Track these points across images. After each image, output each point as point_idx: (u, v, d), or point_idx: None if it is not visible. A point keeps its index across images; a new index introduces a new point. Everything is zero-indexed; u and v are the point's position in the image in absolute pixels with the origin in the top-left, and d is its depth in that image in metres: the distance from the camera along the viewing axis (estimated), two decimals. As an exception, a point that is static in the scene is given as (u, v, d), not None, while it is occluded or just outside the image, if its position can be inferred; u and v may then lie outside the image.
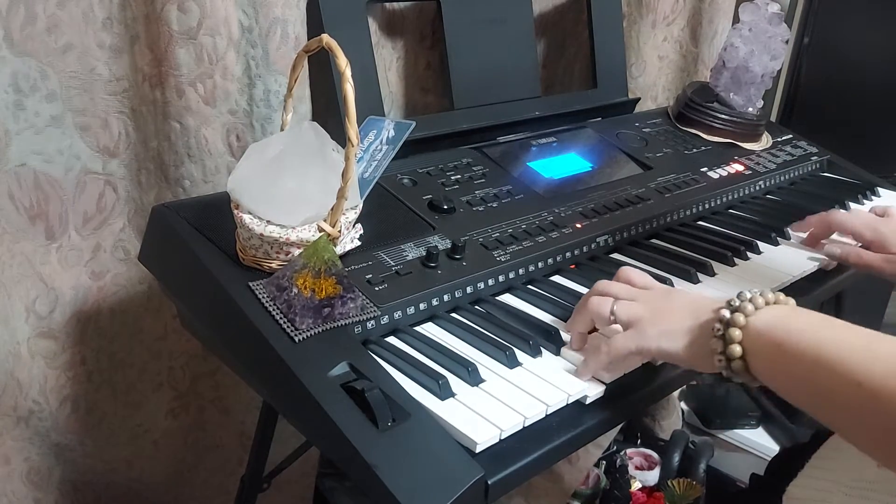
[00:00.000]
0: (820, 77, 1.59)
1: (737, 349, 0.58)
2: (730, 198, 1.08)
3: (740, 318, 0.58)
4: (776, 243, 0.97)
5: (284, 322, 0.63)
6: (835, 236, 0.96)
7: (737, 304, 0.59)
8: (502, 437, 0.59)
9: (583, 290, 0.81)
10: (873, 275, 0.90)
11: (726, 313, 0.59)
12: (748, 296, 0.60)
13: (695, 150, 1.15)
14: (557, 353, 0.70)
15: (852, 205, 1.12)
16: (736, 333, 0.58)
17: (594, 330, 0.71)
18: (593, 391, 0.65)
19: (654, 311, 0.64)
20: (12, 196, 0.85)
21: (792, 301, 0.61)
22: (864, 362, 0.51)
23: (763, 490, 0.83)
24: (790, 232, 0.98)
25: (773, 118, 1.61)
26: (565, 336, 0.71)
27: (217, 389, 1.10)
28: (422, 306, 0.72)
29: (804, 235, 0.97)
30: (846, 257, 0.90)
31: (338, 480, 1.27)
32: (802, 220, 0.97)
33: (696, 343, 0.61)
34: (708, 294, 0.69)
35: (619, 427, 1.56)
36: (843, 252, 0.90)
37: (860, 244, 0.92)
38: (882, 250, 0.88)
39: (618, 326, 0.67)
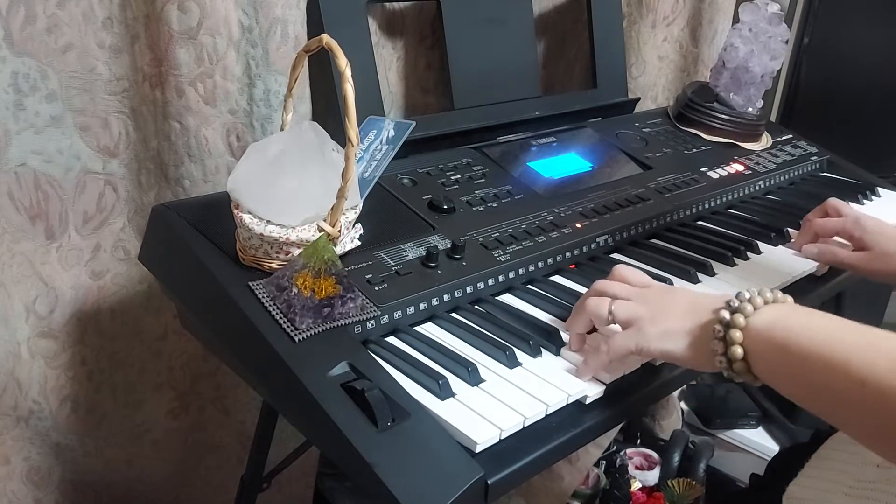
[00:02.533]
0: (820, 77, 1.59)
1: (738, 351, 0.58)
2: (730, 198, 1.08)
3: (740, 318, 0.58)
4: (776, 243, 0.97)
5: (284, 322, 0.63)
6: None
7: (736, 304, 0.59)
8: (502, 437, 0.59)
9: (583, 290, 0.81)
10: (853, 273, 0.90)
11: (726, 314, 0.59)
12: (747, 296, 0.60)
13: (695, 150, 1.15)
14: (557, 353, 0.70)
15: (852, 204, 1.12)
16: (737, 335, 0.58)
17: (593, 330, 0.71)
18: (593, 391, 0.65)
19: (653, 310, 0.64)
20: (12, 196, 0.85)
21: (790, 299, 0.61)
22: (867, 361, 0.51)
23: (763, 490, 0.83)
24: (790, 232, 0.98)
25: (773, 118, 1.61)
26: (565, 336, 0.71)
27: (217, 389, 1.10)
28: (422, 306, 0.72)
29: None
30: (822, 256, 0.90)
31: (338, 480, 1.27)
32: (794, 241, 0.97)
33: (696, 344, 0.61)
34: (708, 292, 0.69)
35: (619, 427, 1.56)
36: (818, 251, 0.91)
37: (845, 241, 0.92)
38: (861, 247, 0.88)
39: (617, 326, 0.67)
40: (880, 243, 0.86)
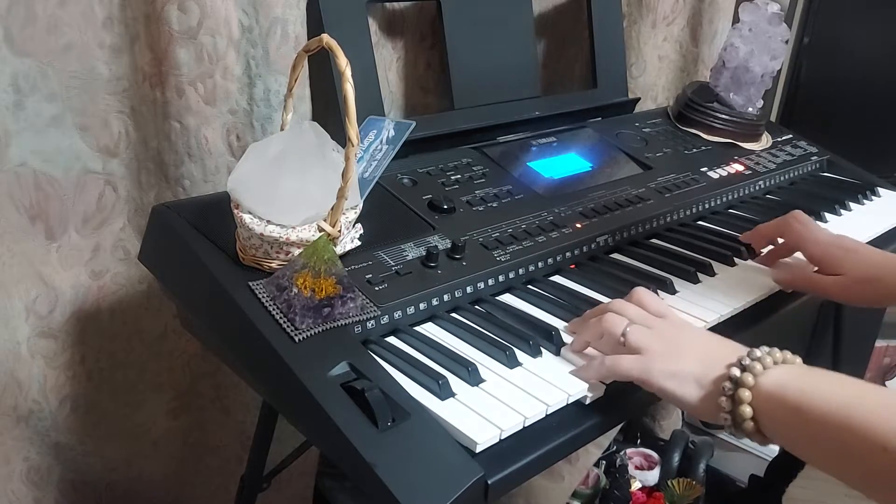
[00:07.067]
0: (820, 77, 1.59)
1: (747, 410, 0.57)
2: (730, 198, 1.08)
3: (749, 378, 0.57)
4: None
5: (284, 322, 0.63)
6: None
7: (747, 362, 0.58)
8: (502, 437, 0.59)
9: (582, 290, 0.81)
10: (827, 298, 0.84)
11: (736, 372, 0.58)
12: (758, 354, 0.59)
13: (695, 150, 1.15)
14: (558, 353, 0.70)
15: (852, 205, 1.13)
16: (745, 394, 0.57)
17: None
18: (593, 391, 0.65)
19: (667, 346, 0.63)
20: (12, 196, 0.85)
21: (798, 359, 0.60)
22: (890, 426, 0.49)
23: (763, 491, 0.83)
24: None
25: (773, 118, 1.61)
26: (566, 337, 0.71)
27: (217, 389, 1.10)
28: (422, 306, 0.72)
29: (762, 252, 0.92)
30: (793, 285, 0.85)
31: (338, 480, 1.27)
32: (752, 231, 0.91)
33: (704, 397, 0.60)
34: (720, 337, 0.65)
35: (619, 427, 1.56)
36: (791, 279, 0.85)
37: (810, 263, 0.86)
38: (834, 272, 0.82)
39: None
40: (857, 269, 0.81)
